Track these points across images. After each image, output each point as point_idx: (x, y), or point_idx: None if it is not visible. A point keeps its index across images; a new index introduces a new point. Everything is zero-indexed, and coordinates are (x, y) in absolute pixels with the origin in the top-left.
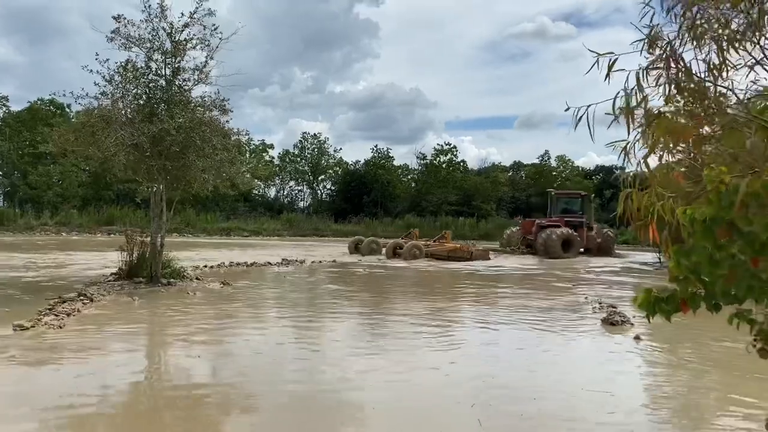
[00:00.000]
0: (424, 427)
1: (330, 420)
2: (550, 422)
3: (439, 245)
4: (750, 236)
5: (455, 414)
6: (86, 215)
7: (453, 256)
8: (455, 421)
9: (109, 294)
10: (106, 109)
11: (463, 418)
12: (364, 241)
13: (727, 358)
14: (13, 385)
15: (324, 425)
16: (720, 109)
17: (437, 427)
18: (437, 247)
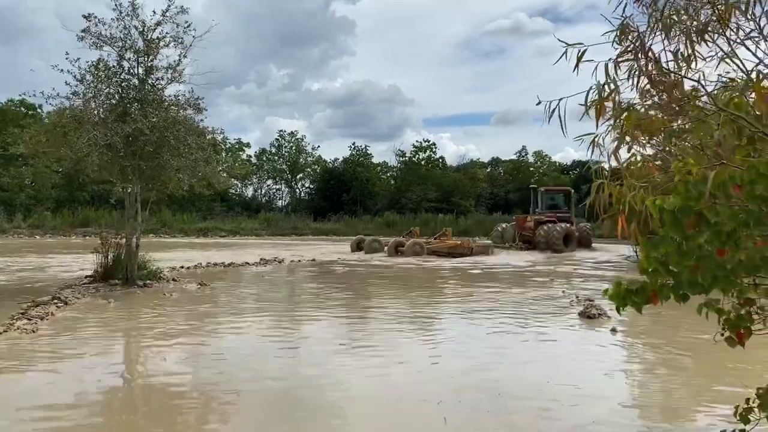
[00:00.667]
0: (402, 422)
1: (310, 418)
2: (516, 416)
3: (440, 242)
4: (717, 227)
5: (427, 411)
6: (60, 217)
7: (454, 253)
8: (427, 417)
9: (84, 297)
10: (77, 109)
11: (435, 415)
12: (366, 240)
13: (702, 348)
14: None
15: (305, 424)
16: (689, 100)
17: (413, 422)
18: (438, 244)
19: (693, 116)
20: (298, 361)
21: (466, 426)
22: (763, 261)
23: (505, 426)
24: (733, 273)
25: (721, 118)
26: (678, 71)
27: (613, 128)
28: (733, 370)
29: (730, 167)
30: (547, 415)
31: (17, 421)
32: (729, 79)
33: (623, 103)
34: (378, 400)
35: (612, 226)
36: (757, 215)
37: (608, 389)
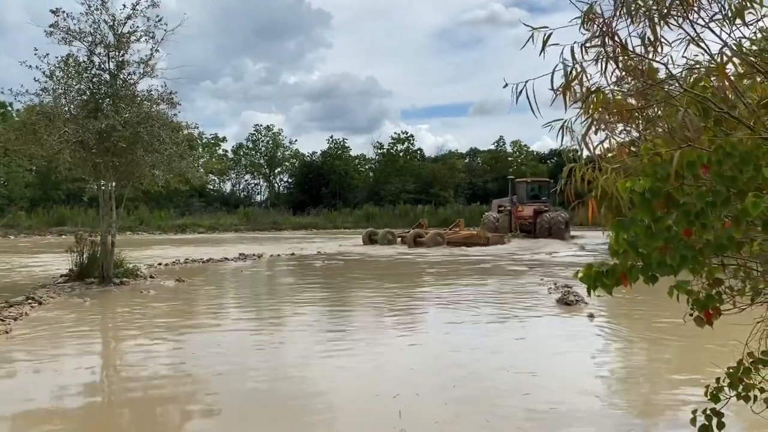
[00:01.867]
0: (388, 416)
1: (293, 412)
2: (479, 406)
3: (454, 233)
4: (685, 207)
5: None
6: (35, 217)
7: (469, 243)
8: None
9: (59, 296)
10: (47, 105)
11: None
12: (380, 233)
13: (679, 331)
14: None
15: (288, 418)
16: (655, 84)
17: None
18: (453, 235)
19: (659, 99)
20: (279, 355)
21: (452, 417)
22: (730, 241)
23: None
24: (701, 253)
25: (686, 100)
26: (644, 55)
27: (583, 111)
28: (710, 351)
29: (697, 148)
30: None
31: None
32: (694, 61)
33: (591, 86)
34: (358, 392)
35: (583, 210)
36: (724, 195)
37: (579, 373)
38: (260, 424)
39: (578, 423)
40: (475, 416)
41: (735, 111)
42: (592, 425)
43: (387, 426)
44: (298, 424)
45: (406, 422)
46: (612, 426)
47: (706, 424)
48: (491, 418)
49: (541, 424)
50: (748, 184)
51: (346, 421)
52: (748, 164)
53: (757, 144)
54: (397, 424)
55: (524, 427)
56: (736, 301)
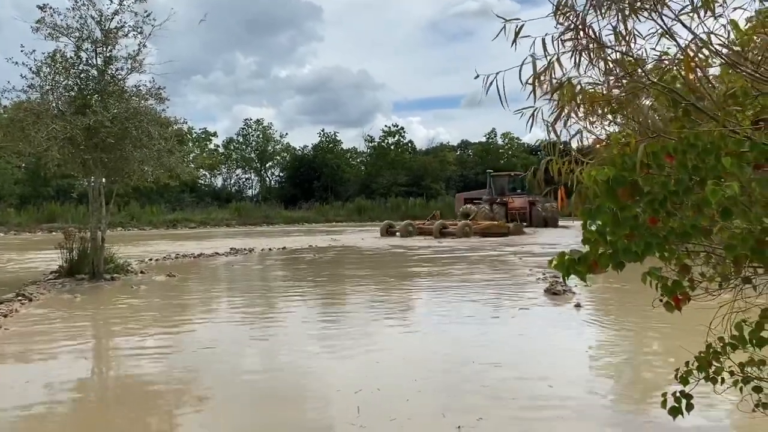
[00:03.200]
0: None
1: (288, 408)
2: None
3: (475, 223)
4: (650, 196)
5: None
6: (25, 213)
7: (488, 233)
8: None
9: (49, 292)
10: (35, 102)
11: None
12: (401, 225)
13: (666, 319)
14: None
15: (282, 413)
16: (625, 75)
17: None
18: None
19: (627, 89)
20: (272, 349)
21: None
22: (694, 229)
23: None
24: (666, 241)
25: (653, 92)
26: (615, 47)
27: (559, 101)
28: (691, 335)
29: (663, 139)
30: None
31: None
32: (663, 52)
33: (563, 78)
34: (354, 385)
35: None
36: (686, 184)
37: (567, 362)
38: (252, 418)
39: (562, 413)
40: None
41: (702, 102)
42: (576, 414)
43: (381, 416)
44: (292, 416)
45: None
46: (597, 414)
47: (675, 406)
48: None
49: (526, 414)
50: (710, 172)
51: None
52: (710, 154)
53: (722, 135)
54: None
55: (520, 416)
56: (707, 288)
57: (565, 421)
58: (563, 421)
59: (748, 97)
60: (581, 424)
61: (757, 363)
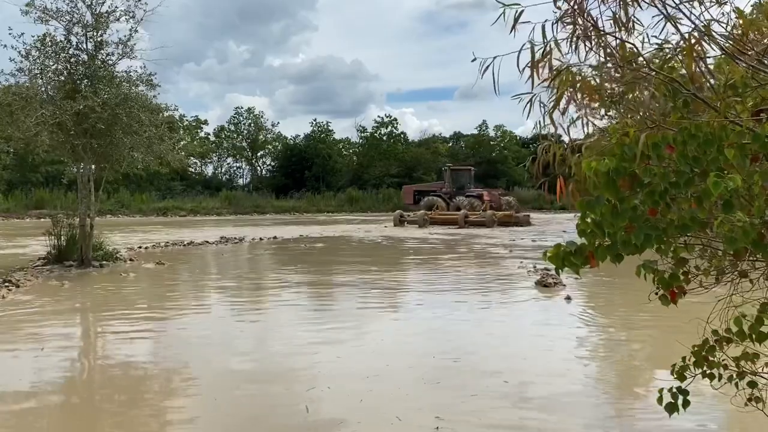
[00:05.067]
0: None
1: (274, 392)
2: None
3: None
4: (650, 187)
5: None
6: (13, 199)
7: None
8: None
9: (37, 279)
10: (23, 86)
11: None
12: (418, 215)
13: (657, 313)
14: None
15: (269, 399)
16: (625, 63)
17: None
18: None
19: (627, 78)
20: (260, 336)
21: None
22: (693, 221)
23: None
24: (665, 233)
25: (653, 81)
26: (616, 34)
27: (558, 88)
28: (683, 330)
29: (663, 129)
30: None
31: None
32: (664, 40)
33: (562, 65)
34: (346, 374)
35: (549, 189)
36: (687, 175)
37: (557, 355)
38: (239, 403)
39: (548, 408)
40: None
41: (702, 92)
42: (564, 409)
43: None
44: (279, 402)
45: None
46: (584, 408)
47: (672, 402)
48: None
49: (514, 412)
50: (711, 164)
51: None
52: (711, 145)
53: (722, 125)
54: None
55: (518, 407)
56: (702, 281)
57: (551, 416)
58: (549, 415)
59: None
60: (569, 419)
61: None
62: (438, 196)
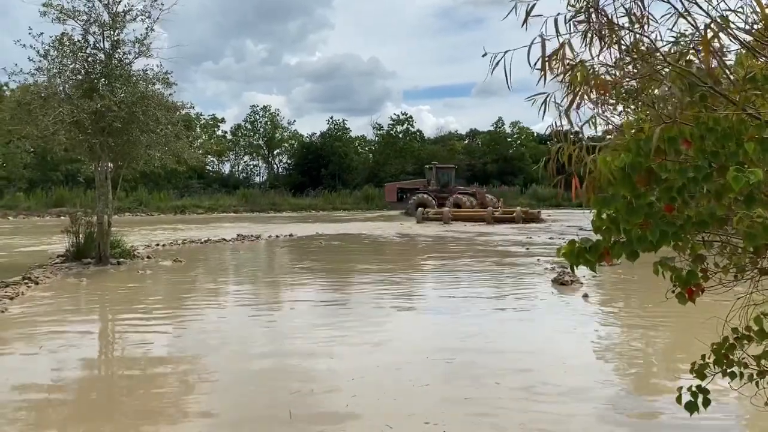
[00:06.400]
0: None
1: (289, 388)
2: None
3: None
4: (667, 183)
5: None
6: (34, 198)
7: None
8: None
9: (56, 276)
10: (42, 85)
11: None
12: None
13: (675, 310)
14: None
15: (284, 395)
16: (640, 58)
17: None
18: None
19: (643, 72)
20: (276, 332)
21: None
22: (712, 218)
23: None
24: (682, 229)
25: (669, 75)
26: (630, 29)
27: (569, 85)
28: (702, 328)
29: (680, 124)
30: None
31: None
32: (679, 34)
33: (575, 60)
34: (363, 371)
35: (563, 187)
36: (705, 170)
37: (575, 353)
38: (257, 401)
39: (566, 407)
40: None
41: (720, 86)
42: (583, 409)
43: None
44: (294, 396)
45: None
46: (602, 407)
47: (692, 401)
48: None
49: (532, 406)
50: (730, 158)
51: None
52: (730, 139)
53: (741, 119)
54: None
55: (530, 409)
56: (721, 279)
57: (567, 415)
58: (566, 414)
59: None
60: (586, 418)
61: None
62: (425, 193)
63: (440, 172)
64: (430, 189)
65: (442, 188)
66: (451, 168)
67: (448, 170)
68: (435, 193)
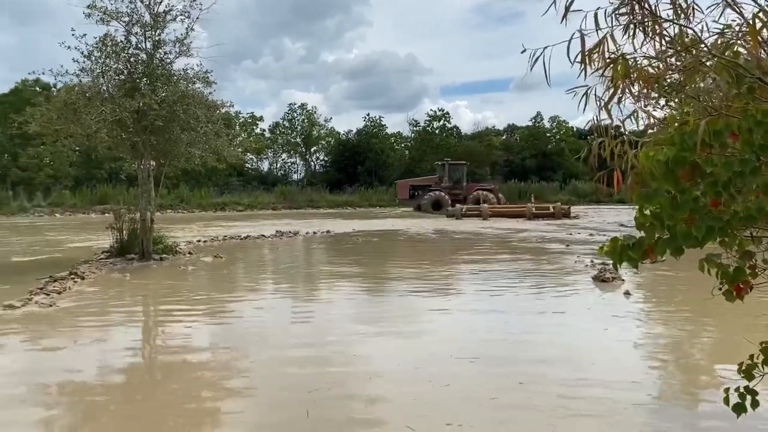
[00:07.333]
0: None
1: (329, 384)
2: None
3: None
4: (712, 177)
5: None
6: (79, 195)
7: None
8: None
9: (101, 271)
10: (86, 85)
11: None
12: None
13: (721, 309)
14: (9, 364)
15: (327, 394)
16: (684, 50)
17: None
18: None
19: (687, 64)
20: (315, 328)
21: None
22: (760, 213)
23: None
24: (729, 225)
25: (715, 66)
26: (675, 21)
27: (611, 80)
28: (750, 326)
29: (726, 117)
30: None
31: (43, 393)
32: (725, 25)
33: (616, 52)
34: (401, 366)
35: (605, 182)
36: (753, 164)
37: (611, 351)
38: (296, 395)
39: (609, 408)
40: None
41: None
42: (625, 411)
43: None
44: (334, 393)
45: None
46: (644, 407)
47: (739, 403)
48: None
49: (570, 403)
50: None
51: None
52: None
53: None
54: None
55: (561, 404)
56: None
57: (608, 415)
58: (606, 414)
59: None
60: (627, 420)
61: None
62: (438, 190)
63: (452, 169)
64: (443, 186)
65: (454, 185)
66: (463, 164)
67: (460, 167)
68: (448, 190)
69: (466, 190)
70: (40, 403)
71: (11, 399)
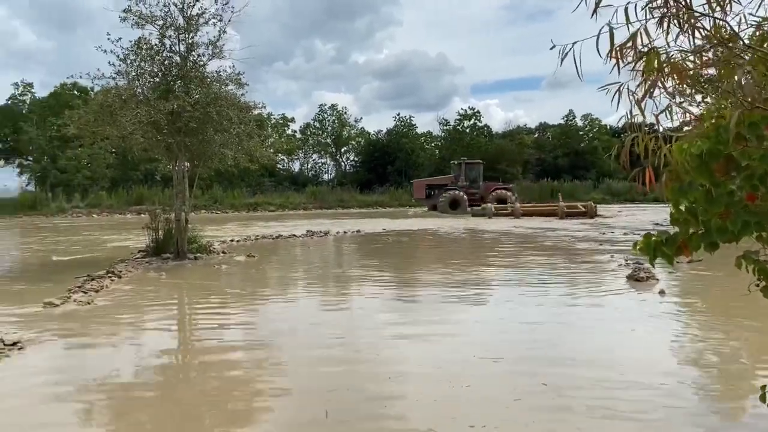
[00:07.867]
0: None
1: (365, 388)
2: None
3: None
4: (749, 170)
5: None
6: (116, 196)
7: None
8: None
9: (137, 270)
10: (122, 88)
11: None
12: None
13: (754, 307)
14: (49, 361)
15: (357, 393)
16: (719, 43)
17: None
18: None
19: (723, 56)
20: (346, 327)
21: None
22: None
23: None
24: (766, 219)
25: (751, 58)
26: (710, 14)
27: (644, 74)
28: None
29: (762, 110)
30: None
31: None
32: (763, 18)
33: (648, 46)
34: (429, 366)
35: (639, 179)
36: None
37: (651, 350)
38: (329, 393)
39: (645, 409)
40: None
41: None
42: (661, 412)
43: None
44: (367, 394)
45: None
46: (680, 409)
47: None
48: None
49: (607, 403)
50: None
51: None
52: None
53: None
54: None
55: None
56: None
57: (644, 418)
58: (631, 417)
59: None
60: (655, 422)
61: None
62: (455, 189)
63: (469, 168)
64: (460, 185)
65: (471, 184)
66: (479, 163)
67: (477, 166)
68: (465, 189)
69: (482, 190)
70: (79, 400)
71: (51, 396)
